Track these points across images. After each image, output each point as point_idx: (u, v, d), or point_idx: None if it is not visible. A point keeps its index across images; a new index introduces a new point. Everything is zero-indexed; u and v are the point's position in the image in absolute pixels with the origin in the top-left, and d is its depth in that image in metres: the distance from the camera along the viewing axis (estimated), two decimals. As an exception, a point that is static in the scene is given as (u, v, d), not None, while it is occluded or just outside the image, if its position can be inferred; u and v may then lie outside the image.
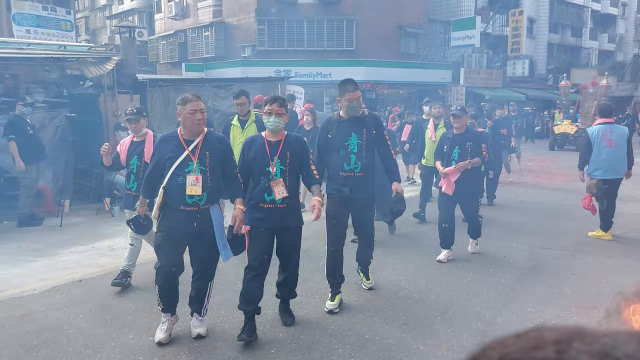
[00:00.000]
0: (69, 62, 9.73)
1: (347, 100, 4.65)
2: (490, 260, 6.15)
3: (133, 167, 5.20)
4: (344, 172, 4.72)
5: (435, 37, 27.20)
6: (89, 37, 35.31)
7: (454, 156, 6.07)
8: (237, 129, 6.63)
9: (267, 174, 4.11)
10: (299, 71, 21.37)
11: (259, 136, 4.32)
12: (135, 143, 5.29)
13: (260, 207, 4.13)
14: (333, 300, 4.71)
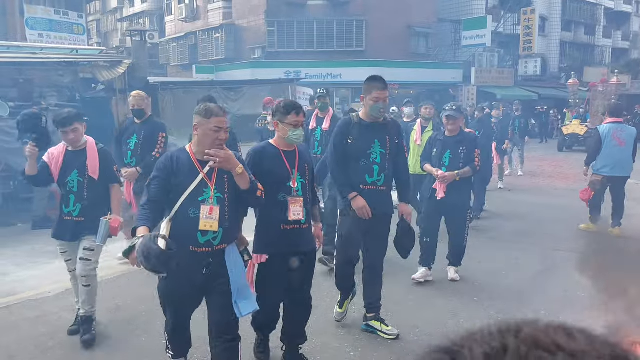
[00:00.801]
0: (82, 66, 9.83)
1: (373, 98, 4.04)
2: (501, 262, 6.12)
3: (73, 184, 4.07)
4: (366, 184, 4.09)
5: (445, 37, 27.09)
6: (101, 40, 35.61)
7: (444, 161, 5.37)
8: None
9: (288, 189, 3.51)
10: (308, 72, 21.39)
11: (268, 145, 3.66)
12: (72, 153, 4.13)
13: (282, 229, 3.50)
14: (341, 307, 4.42)
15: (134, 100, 5.98)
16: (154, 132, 6.01)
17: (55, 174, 4.11)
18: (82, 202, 4.08)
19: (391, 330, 4.20)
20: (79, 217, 4.09)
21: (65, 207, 4.12)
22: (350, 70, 22.73)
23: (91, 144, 4.19)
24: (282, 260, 3.48)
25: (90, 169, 4.09)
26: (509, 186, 11.47)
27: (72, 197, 4.09)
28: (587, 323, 2.23)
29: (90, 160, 4.11)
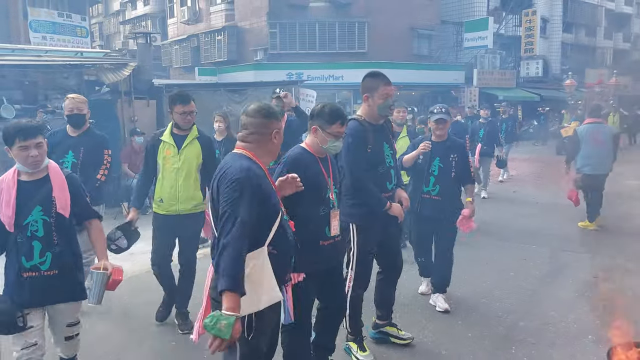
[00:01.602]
0: (87, 69, 9.85)
1: (382, 96, 3.67)
2: (510, 263, 6.10)
3: (36, 227, 2.92)
4: (386, 192, 3.79)
5: (447, 39, 27.11)
6: (103, 42, 35.68)
7: (433, 170, 4.77)
8: (170, 149, 4.29)
9: (327, 202, 3.18)
10: (310, 74, 21.39)
11: (304, 151, 3.22)
12: (29, 184, 2.95)
13: (321, 245, 3.19)
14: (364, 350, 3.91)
15: (73, 102, 4.54)
16: (96, 147, 4.66)
17: (7, 214, 2.84)
18: (52, 249, 2.92)
19: (405, 335, 4.12)
20: (50, 271, 2.92)
21: (26, 260, 2.87)
22: (352, 72, 22.67)
23: (54, 168, 3.03)
24: (318, 277, 3.21)
25: (58, 203, 2.94)
26: (514, 187, 11.47)
27: (36, 244, 2.88)
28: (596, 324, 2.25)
29: (58, 191, 2.94)
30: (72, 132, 4.61)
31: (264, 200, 2.41)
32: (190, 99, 4.30)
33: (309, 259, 3.05)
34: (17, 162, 2.88)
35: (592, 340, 4.11)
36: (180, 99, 4.24)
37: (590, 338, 4.14)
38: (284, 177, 2.81)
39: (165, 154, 4.29)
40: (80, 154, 4.55)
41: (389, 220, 3.78)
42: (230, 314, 2.18)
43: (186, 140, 4.29)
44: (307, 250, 3.01)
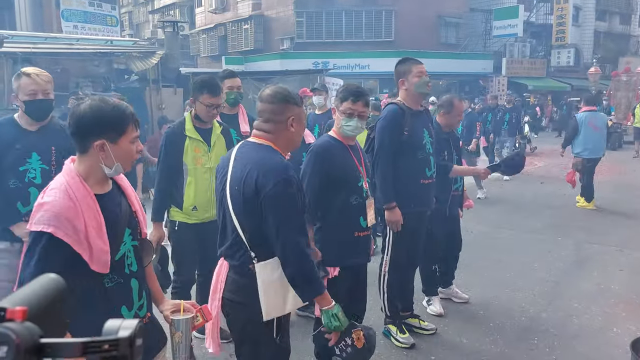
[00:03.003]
0: (116, 57, 10.05)
1: (416, 74, 3.66)
2: (533, 254, 6.06)
3: (131, 258, 2.03)
4: (426, 179, 3.76)
5: (476, 27, 26.68)
6: (132, 31, 36.15)
7: (455, 163, 4.53)
8: (199, 146, 3.56)
9: (360, 191, 3.04)
10: (337, 63, 21.38)
11: (331, 138, 3.11)
12: (106, 199, 1.91)
13: (356, 237, 3.07)
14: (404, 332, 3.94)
15: (36, 82, 2.99)
16: (67, 145, 2.83)
17: (100, 248, 1.80)
18: (145, 287, 2.08)
19: (428, 326, 4.14)
20: (145, 318, 2.04)
21: (128, 310, 1.94)
22: (379, 60, 22.61)
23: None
24: (352, 273, 3.11)
25: (141, 219, 2.08)
26: (541, 179, 11.31)
27: (134, 284, 1.99)
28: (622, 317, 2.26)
29: (136, 204, 2.07)
30: (28, 125, 3.05)
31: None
32: (220, 90, 3.60)
33: (343, 252, 2.98)
34: (112, 163, 1.84)
35: (617, 333, 4.07)
36: (208, 88, 3.49)
37: (615, 331, 4.11)
38: None
39: (194, 153, 3.52)
40: (51, 156, 3.04)
41: (425, 210, 3.85)
42: (331, 307, 2.25)
43: (213, 135, 3.61)
44: (341, 242, 2.97)
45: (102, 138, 1.80)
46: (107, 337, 0.63)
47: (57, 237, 1.69)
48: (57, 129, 3.14)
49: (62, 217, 1.71)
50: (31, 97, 2.97)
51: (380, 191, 3.55)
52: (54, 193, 1.75)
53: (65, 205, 1.73)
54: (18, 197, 2.99)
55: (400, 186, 3.65)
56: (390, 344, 3.91)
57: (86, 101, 1.89)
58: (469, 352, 3.81)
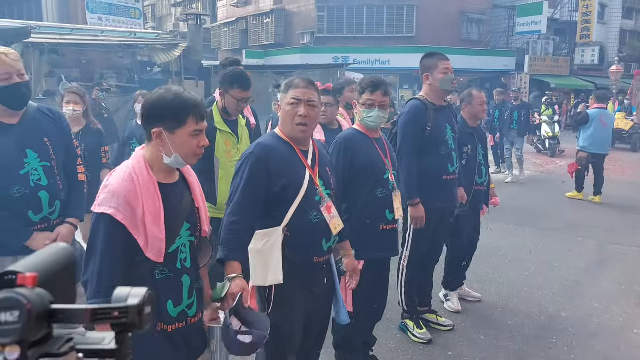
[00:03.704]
0: (140, 49, 10.16)
1: (442, 71, 3.64)
2: (554, 253, 6.01)
3: (185, 253, 1.96)
4: (448, 175, 3.74)
5: (499, 23, 26.37)
6: (155, 24, 36.43)
7: (480, 159, 4.49)
8: (229, 139, 3.51)
9: (386, 183, 3.03)
10: (357, 58, 21.31)
11: (356, 131, 3.11)
12: (169, 190, 1.93)
13: (381, 230, 3.04)
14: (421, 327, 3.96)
15: (9, 64, 2.44)
16: (63, 136, 2.74)
17: (156, 236, 1.79)
18: (197, 284, 2.02)
19: (445, 322, 4.14)
20: (195, 317, 2.00)
21: (174, 306, 1.89)
22: (399, 56, 22.50)
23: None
24: (377, 267, 3.10)
25: (202, 215, 2.05)
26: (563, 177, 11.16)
27: (186, 280, 1.92)
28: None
29: (200, 200, 2.06)
30: (7, 117, 2.51)
31: (273, 178, 2.32)
32: (251, 84, 3.51)
33: (369, 246, 2.96)
34: (170, 153, 1.83)
35: (637, 334, 4.04)
36: (240, 82, 3.43)
37: (635, 332, 4.07)
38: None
39: (225, 146, 3.45)
40: (48, 149, 2.60)
41: (447, 205, 3.84)
42: (227, 277, 2.21)
43: (239, 128, 3.58)
44: (367, 236, 2.96)
45: (160, 126, 1.81)
46: (117, 305, 0.63)
47: (116, 220, 1.72)
48: (40, 115, 2.63)
49: (122, 200, 1.73)
50: (5, 81, 2.39)
51: (404, 187, 3.54)
52: (118, 175, 1.80)
53: (126, 188, 1.75)
54: (27, 206, 2.46)
55: (423, 182, 3.63)
56: (407, 339, 3.93)
57: (159, 89, 1.90)
58: (487, 349, 3.81)
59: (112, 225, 1.72)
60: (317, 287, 2.51)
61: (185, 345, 1.94)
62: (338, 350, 3.34)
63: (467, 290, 4.71)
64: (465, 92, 4.52)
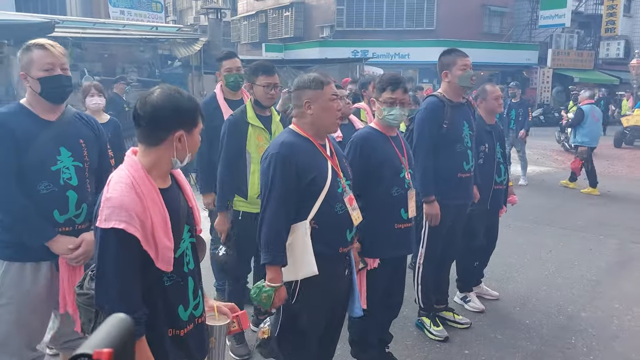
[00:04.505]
0: (161, 43, 10.25)
1: (461, 67, 3.63)
2: (574, 252, 5.93)
3: (189, 256, 1.94)
4: (463, 172, 3.72)
5: (521, 16, 26.00)
6: (176, 17, 36.68)
7: (498, 157, 4.39)
8: (262, 134, 3.48)
9: (401, 182, 3.03)
10: (376, 52, 21.22)
11: (373, 130, 3.13)
12: (167, 195, 1.85)
13: (396, 229, 3.05)
14: (438, 325, 3.96)
15: (52, 54, 2.41)
16: (98, 138, 2.67)
17: (165, 245, 1.76)
18: (199, 285, 2.01)
19: (462, 320, 4.13)
20: (201, 317, 2.01)
21: (184, 309, 1.89)
22: (419, 50, 22.34)
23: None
24: (391, 265, 3.13)
25: (197, 217, 2.04)
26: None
27: (191, 282, 1.93)
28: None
29: (193, 201, 2.02)
30: (45, 112, 2.44)
31: (301, 174, 2.37)
32: (274, 69, 3.55)
33: (384, 244, 3.00)
34: (182, 156, 1.81)
35: (658, 335, 3.98)
36: (263, 69, 3.48)
37: (657, 334, 4.01)
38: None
39: (257, 141, 3.44)
40: (83, 150, 2.50)
41: (463, 203, 3.82)
42: (272, 285, 2.35)
43: (273, 123, 3.54)
44: (381, 234, 2.99)
45: (182, 129, 1.76)
46: None
47: (129, 233, 1.64)
48: (77, 117, 2.59)
49: (131, 213, 1.64)
50: (48, 72, 2.36)
51: (419, 184, 3.52)
52: (120, 187, 1.68)
53: (133, 201, 1.66)
54: (54, 204, 2.37)
55: (438, 179, 3.62)
56: (423, 336, 3.93)
57: (155, 91, 1.79)
58: (504, 348, 3.79)
59: (125, 240, 1.64)
60: (340, 279, 2.59)
61: (196, 346, 1.94)
62: (353, 346, 3.36)
63: (485, 288, 4.68)
64: (479, 88, 4.46)
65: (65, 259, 2.37)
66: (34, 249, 2.35)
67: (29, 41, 2.42)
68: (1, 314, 2.36)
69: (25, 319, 2.39)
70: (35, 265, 2.38)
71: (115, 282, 1.66)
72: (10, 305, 2.35)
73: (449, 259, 4.12)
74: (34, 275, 2.38)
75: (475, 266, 4.56)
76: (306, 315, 2.46)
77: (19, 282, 2.36)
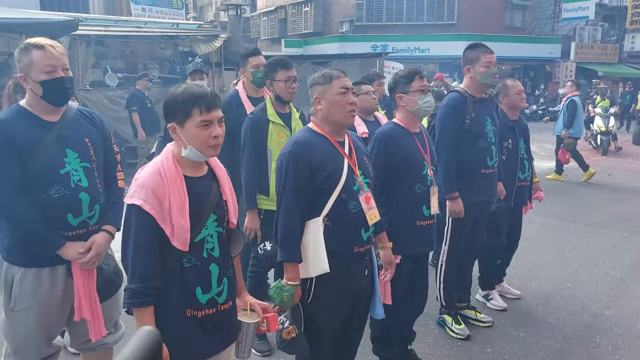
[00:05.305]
0: (181, 40, 10.33)
1: (484, 64, 3.59)
2: (598, 249, 5.85)
3: (212, 243, 2.01)
4: (487, 168, 3.68)
5: (544, 9, 25.57)
6: (197, 14, 36.91)
7: (522, 153, 4.32)
8: (282, 131, 3.50)
9: (424, 179, 3.03)
10: (396, 46, 21.07)
11: (396, 125, 3.11)
12: (196, 183, 2.01)
13: (417, 226, 3.05)
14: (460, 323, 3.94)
15: (53, 55, 2.32)
16: (103, 136, 2.59)
17: (181, 225, 1.88)
18: (227, 273, 2.07)
19: (485, 318, 4.09)
20: (226, 304, 2.05)
21: (202, 292, 1.97)
22: (440, 44, 22.15)
23: (214, 159, 2.10)
24: (412, 262, 3.12)
25: (230, 208, 2.09)
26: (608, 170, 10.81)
27: (214, 268, 1.99)
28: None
29: (228, 193, 2.10)
30: (47, 113, 2.38)
31: (315, 171, 2.38)
32: (292, 64, 3.57)
33: (404, 240, 2.97)
34: (185, 146, 1.91)
35: (686, 335, 3.90)
36: (281, 64, 3.49)
37: (684, 333, 3.94)
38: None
39: (278, 138, 3.44)
40: (89, 150, 2.45)
41: (486, 199, 3.78)
42: (291, 283, 2.37)
43: (293, 120, 3.57)
44: (402, 231, 2.98)
45: (173, 121, 1.91)
46: None
47: (144, 210, 1.83)
48: (80, 115, 2.50)
49: (150, 192, 1.84)
50: (49, 75, 2.28)
51: (442, 181, 3.51)
52: (148, 169, 1.91)
53: (154, 181, 1.86)
54: (67, 208, 2.32)
55: (461, 175, 3.59)
56: (445, 334, 3.92)
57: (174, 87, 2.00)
58: (527, 346, 3.76)
59: (141, 215, 1.84)
60: (357, 278, 2.54)
61: (216, 332, 2.01)
62: (375, 343, 3.36)
63: (507, 287, 4.64)
64: (500, 84, 4.39)
65: (78, 263, 2.36)
66: (43, 254, 2.34)
67: (27, 40, 2.34)
68: (21, 319, 2.36)
69: (45, 321, 2.41)
70: (51, 270, 2.38)
71: (131, 250, 1.87)
72: (29, 310, 2.36)
73: (471, 257, 4.09)
74: (51, 279, 2.38)
75: (498, 264, 4.51)
76: (320, 315, 2.45)
77: (37, 287, 2.35)
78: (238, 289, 2.18)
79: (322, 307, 2.45)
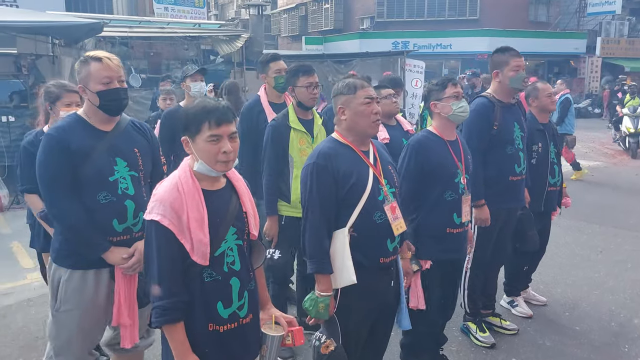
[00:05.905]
0: (204, 39, 10.41)
1: (513, 68, 3.54)
2: (627, 253, 5.73)
3: (233, 256, 1.98)
4: (515, 175, 3.64)
5: (569, 4, 25.09)
6: (218, 12, 37.12)
7: (552, 158, 4.22)
8: (304, 138, 3.51)
9: (456, 187, 3.03)
10: (417, 43, 20.93)
11: (430, 134, 3.11)
12: (214, 196, 2.00)
13: (447, 233, 3.04)
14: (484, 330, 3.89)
15: (110, 67, 2.45)
16: (151, 147, 2.72)
17: (200, 240, 1.87)
18: (248, 286, 2.04)
19: (510, 326, 4.02)
20: (247, 318, 2.02)
21: (223, 307, 1.96)
22: (462, 40, 21.90)
23: (233, 172, 2.10)
24: (444, 267, 3.09)
25: (250, 221, 2.08)
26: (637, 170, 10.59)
27: (235, 282, 1.98)
28: None
29: (248, 205, 2.09)
30: (102, 123, 2.51)
31: (340, 181, 2.38)
32: (313, 69, 3.57)
33: (435, 247, 3.00)
34: (197, 160, 1.92)
35: None
36: (302, 70, 3.50)
37: None
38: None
39: (299, 145, 3.45)
40: (137, 159, 2.56)
41: (513, 206, 3.74)
42: (325, 294, 2.37)
43: (315, 127, 3.55)
44: (433, 237, 3.01)
45: (186, 134, 1.93)
46: None
47: (163, 225, 1.82)
48: (131, 125, 2.62)
49: (168, 207, 1.84)
50: (106, 86, 2.42)
51: (469, 188, 3.48)
52: (165, 185, 1.92)
53: (172, 196, 1.85)
54: (113, 214, 2.42)
55: (489, 182, 3.55)
56: (469, 342, 3.88)
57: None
58: (552, 355, 3.71)
59: (161, 230, 1.83)
60: (383, 290, 2.53)
61: (239, 346, 2.00)
62: (404, 349, 3.33)
63: (532, 293, 4.58)
64: (529, 87, 4.30)
65: (120, 269, 2.43)
66: (90, 255, 2.44)
67: (87, 53, 2.50)
68: (65, 319, 2.46)
69: (87, 324, 2.48)
70: (97, 272, 2.46)
71: (154, 267, 1.85)
72: (74, 311, 2.44)
73: (497, 264, 4.04)
74: (95, 282, 2.46)
75: (525, 270, 4.46)
76: (346, 325, 2.44)
77: (82, 289, 2.44)
78: (262, 301, 2.16)
79: (347, 318, 2.44)
